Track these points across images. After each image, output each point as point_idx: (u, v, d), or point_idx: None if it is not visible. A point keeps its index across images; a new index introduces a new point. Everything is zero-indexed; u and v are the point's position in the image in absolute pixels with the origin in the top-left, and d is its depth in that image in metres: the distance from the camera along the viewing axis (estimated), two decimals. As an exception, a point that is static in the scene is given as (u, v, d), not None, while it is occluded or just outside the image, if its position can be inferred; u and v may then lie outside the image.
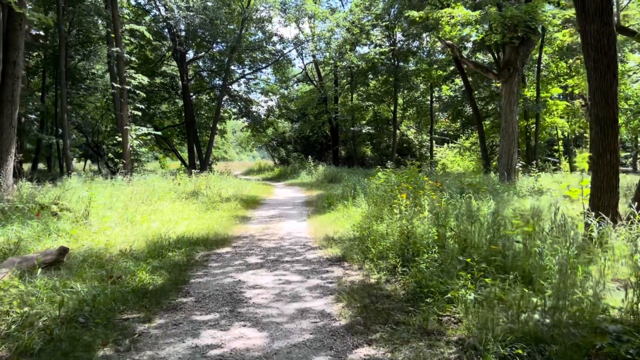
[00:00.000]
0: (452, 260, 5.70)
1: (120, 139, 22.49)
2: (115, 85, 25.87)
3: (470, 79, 28.31)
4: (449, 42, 19.77)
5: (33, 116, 28.55)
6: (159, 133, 23.81)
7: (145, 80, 22.92)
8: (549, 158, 34.69)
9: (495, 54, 26.64)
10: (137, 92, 23.68)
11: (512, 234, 5.91)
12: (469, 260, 5.33)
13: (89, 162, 40.23)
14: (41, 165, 35.41)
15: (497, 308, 4.58)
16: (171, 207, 12.91)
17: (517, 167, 19.47)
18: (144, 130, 22.93)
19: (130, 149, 21.88)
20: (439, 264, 5.94)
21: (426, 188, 11.24)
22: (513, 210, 7.15)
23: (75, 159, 44.14)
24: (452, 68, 31.79)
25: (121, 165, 23.91)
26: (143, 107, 23.61)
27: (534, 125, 30.03)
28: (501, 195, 13.16)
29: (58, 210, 10.58)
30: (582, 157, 7.47)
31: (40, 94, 30.20)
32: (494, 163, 32.55)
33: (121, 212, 10.92)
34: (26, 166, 33.44)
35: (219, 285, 6.14)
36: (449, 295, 4.92)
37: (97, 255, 7.21)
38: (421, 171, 20.71)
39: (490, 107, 31.80)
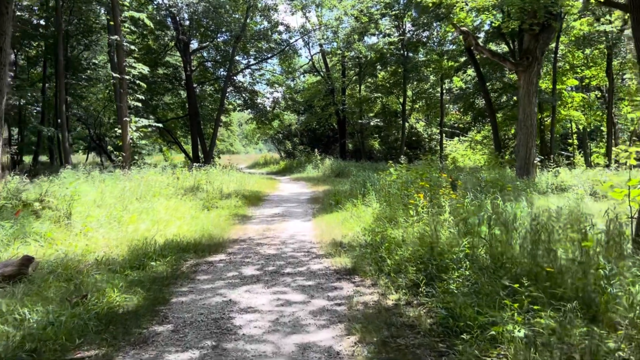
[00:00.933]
0: (492, 282, 4.57)
1: (120, 131, 21.52)
2: (114, 74, 24.86)
3: (482, 70, 26.99)
4: (465, 29, 18.49)
5: (36, 107, 27.62)
6: (160, 125, 22.76)
7: (145, 69, 21.82)
8: (562, 152, 33.28)
9: (511, 44, 25.30)
10: (138, 82, 22.63)
11: (565, 249, 4.76)
12: (516, 285, 4.18)
13: (93, 154, 39.30)
14: (45, 158, 34.54)
15: (557, 352, 3.45)
16: (166, 204, 11.87)
17: (535, 161, 18.26)
18: (145, 122, 21.87)
19: (130, 141, 20.85)
20: (472, 283, 4.81)
21: (444, 186, 10.13)
22: (555, 214, 6.00)
23: (80, 151, 43.35)
24: (463, 59, 30.48)
25: (121, 158, 22.94)
26: (143, 98, 22.53)
27: (548, 118, 28.73)
28: (523, 192, 11.96)
29: (40, 208, 9.52)
30: (625, 151, 6.18)
31: (41, 85, 29.21)
32: (507, 157, 31.28)
33: (110, 210, 9.88)
34: (28, 159, 32.60)
35: (205, 307, 5.04)
36: (492, 332, 3.79)
37: (68, 265, 6.14)
38: (432, 166, 19.54)
39: (502, 99, 30.46)
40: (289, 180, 23.44)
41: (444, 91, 34.74)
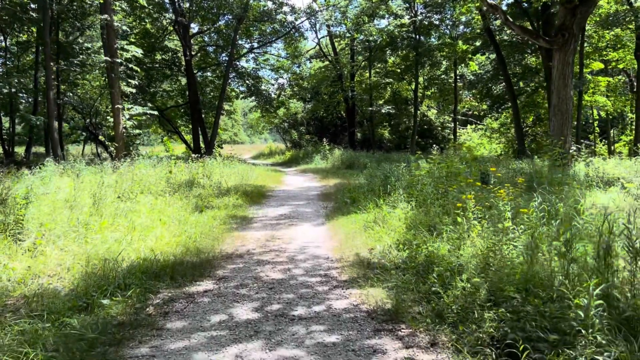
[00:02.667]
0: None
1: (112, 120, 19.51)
2: (101, 56, 22.72)
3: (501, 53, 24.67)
4: (493, 2, 16.23)
5: (23, 95, 25.57)
6: (156, 112, 20.73)
7: (138, 52, 19.71)
8: (582, 140, 30.88)
9: (535, 23, 22.95)
10: (132, 67, 20.53)
11: None
12: None
13: (92, 145, 37.23)
14: (41, 149, 32.55)
15: None
16: (153, 203, 9.86)
17: (571, 150, 16.08)
18: (139, 109, 19.83)
19: (123, 130, 18.82)
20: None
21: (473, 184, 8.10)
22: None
23: (79, 142, 41.31)
24: (479, 43, 28.15)
25: (113, 149, 20.92)
26: (137, 83, 20.45)
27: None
28: (568, 187, 9.82)
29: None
30: None
31: (33, 72, 27.12)
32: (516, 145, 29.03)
33: (79, 213, 7.88)
34: (21, 149, 30.64)
35: (165, 399, 2.99)
36: None
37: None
38: (464, 158, 17.38)
39: (521, 84, 28.13)
40: (295, 173, 21.33)
41: (457, 77, 32.47)
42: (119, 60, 18.60)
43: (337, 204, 10.91)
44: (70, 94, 30.55)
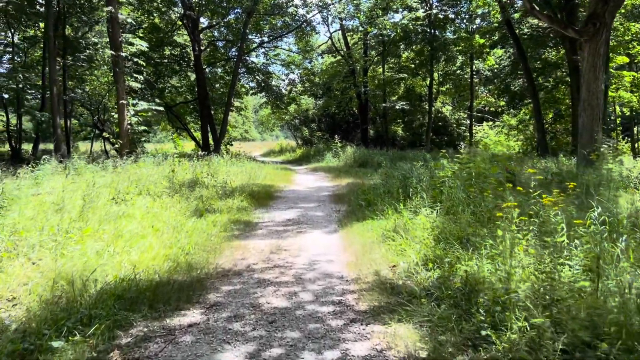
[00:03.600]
0: None
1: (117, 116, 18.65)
2: (107, 51, 21.85)
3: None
4: (518, -11, 14.99)
5: (29, 91, 24.77)
6: (161, 108, 19.77)
7: (144, 45, 18.78)
8: (607, 138, 29.31)
9: (558, 14, 21.57)
10: (137, 60, 19.62)
11: None
12: None
13: (102, 142, 36.51)
14: (50, 146, 31.85)
15: None
16: (149, 206, 8.89)
17: (602, 149, 14.81)
18: (144, 105, 18.89)
19: (128, 127, 17.93)
20: None
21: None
22: None
23: (90, 139, 40.60)
24: (496, 37, 26.78)
25: (118, 145, 20.05)
26: (142, 78, 19.52)
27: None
28: (606, 190, 8.66)
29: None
30: None
31: (41, 67, 26.35)
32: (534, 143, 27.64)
33: (62, 219, 6.93)
34: (28, 147, 29.92)
35: None
36: None
37: None
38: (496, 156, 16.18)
39: (540, 80, 26.72)
40: (306, 171, 20.26)
41: (474, 72, 31.10)
42: (123, 54, 17.68)
43: (350, 207, 9.82)
44: (79, 90, 29.83)
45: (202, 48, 26.34)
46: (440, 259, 5.25)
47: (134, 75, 19.10)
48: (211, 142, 25.85)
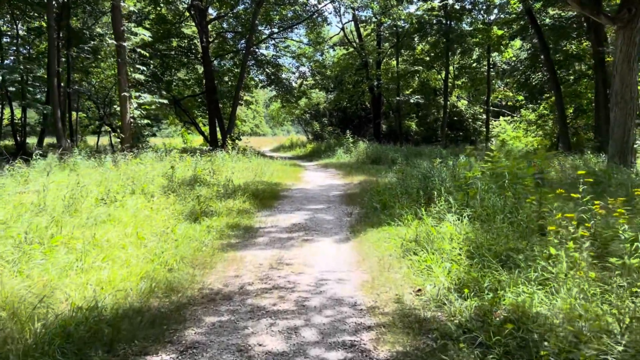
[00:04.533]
0: None
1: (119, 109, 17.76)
2: (109, 40, 20.97)
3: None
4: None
5: (33, 83, 23.97)
6: (166, 101, 18.82)
7: (147, 35, 17.80)
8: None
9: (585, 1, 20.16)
10: (140, 51, 18.67)
11: None
12: None
13: (108, 136, 35.78)
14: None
15: None
16: (140, 207, 7.93)
17: (636, 146, 13.57)
18: (147, 97, 17.94)
19: (131, 120, 17.02)
20: None
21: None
22: None
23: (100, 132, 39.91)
24: (514, 29, 25.40)
25: (120, 140, 19.17)
26: (145, 69, 18.57)
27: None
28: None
29: None
30: None
31: (46, 60, 25.55)
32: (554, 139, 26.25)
33: (40, 222, 6.01)
34: (33, 140, 29.21)
35: None
36: None
37: None
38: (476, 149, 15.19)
39: (560, 73, 25.30)
40: (316, 167, 19.19)
41: (490, 66, 29.72)
42: (125, 44, 16.72)
43: (364, 209, 8.76)
44: (85, 83, 29.02)
45: (210, 40, 25.35)
46: (477, 282, 4.18)
47: (137, 66, 18.15)
48: (219, 136, 24.88)
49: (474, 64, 29.88)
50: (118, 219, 7.01)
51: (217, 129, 25.17)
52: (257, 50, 26.02)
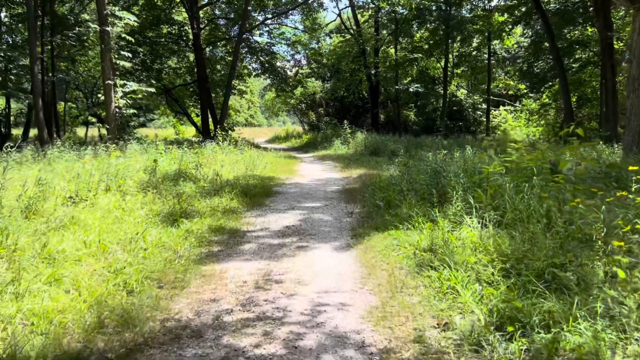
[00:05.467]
0: None
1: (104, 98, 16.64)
2: (92, 25, 19.76)
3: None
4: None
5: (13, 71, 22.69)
6: (153, 90, 17.63)
7: (132, 19, 16.60)
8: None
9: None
10: (125, 36, 17.49)
11: None
12: None
13: (97, 127, 34.53)
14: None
15: None
16: (113, 207, 6.90)
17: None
18: (133, 86, 16.78)
19: (116, 110, 15.89)
20: None
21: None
22: None
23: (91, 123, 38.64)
24: (514, 17, 24.25)
25: (104, 131, 18.03)
26: (130, 55, 17.40)
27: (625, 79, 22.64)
28: None
29: None
30: None
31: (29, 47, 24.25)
32: (566, 129, 25.27)
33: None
34: (19, 132, 27.98)
35: None
36: None
37: None
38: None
39: (564, 61, 24.22)
40: (312, 159, 18.11)
41: (491, 54, 28.57)
42: (109, 29, 15.55)
43: (366, 208, 7.73)
44: (73, 72, 27.77)
45: (202, 26, 24.11)
46: (522, 314, 3.16)
47: (122, 52, 16.96)
48: (212, 127, 23.74)
49: (474, 52, 28.76)
50: (83, 223, 5.97)
51: (210, 119, 24.01)
52: (250, 37, 24.83)
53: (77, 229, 5.68)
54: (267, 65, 24.87)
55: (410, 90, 24.92)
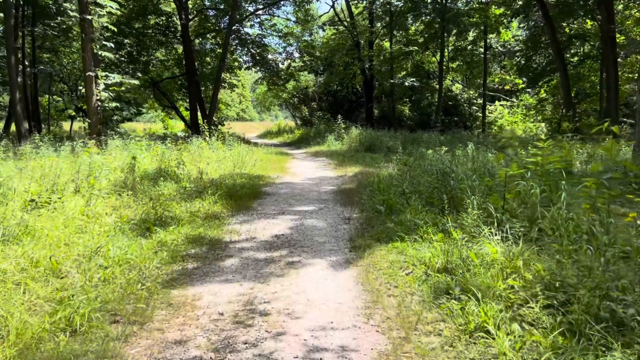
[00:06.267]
0: None
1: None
2: (72, 13, 18.70)
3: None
4: None
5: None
6: (136, 82, 16.61)
7: (114, 7, 15.56)
8: (625, 120, 26.22)
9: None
10: (107, 25, 16.43)
11: None
12: None
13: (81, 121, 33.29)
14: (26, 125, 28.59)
15: None
16: (79, 212, 6.02)
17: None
18: (117, 78, 15.80)
19: (98, 103, 14.92)
20: None
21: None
22: None
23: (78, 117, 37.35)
24: (514, 8, 23.42)
25: (85, 125, 17.09)
26: (112, 46, 16.34)
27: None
28: None
29: None
30: None
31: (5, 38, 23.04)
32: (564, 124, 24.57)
33: None
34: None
35: None
36: None
37: None
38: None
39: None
40: (304, 156, 17.21)
41: (486, 48, 27.72)
42: (89, 17, 14.53)
43: (364, 213, 6.88)
44: (57, 64, 26.60)
45: (191, 17, 23.06)
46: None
47: (105, 43, 15.92)
48: (201, 121, 22.75)
49: (470, 46, 27.91)
50: (39, 233, 5.07)
51: (199, 113, 23.02)
52: (241, 28, 23.79)
53: (28, 242, 4.78)
54: (258, 57, 23.87)
55: (406, 84, 24.02)
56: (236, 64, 25.80)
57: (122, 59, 22.82)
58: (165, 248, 5.09)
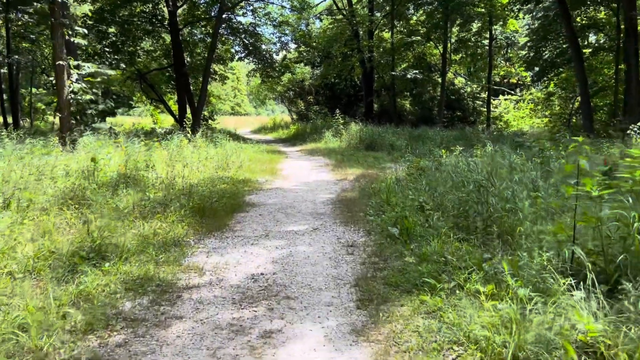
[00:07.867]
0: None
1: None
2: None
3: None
4: None
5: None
6: (112, 72, 14.87)
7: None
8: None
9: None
10: (81, 12, 14.70)
11: None
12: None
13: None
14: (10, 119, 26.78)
15: None
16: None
17: None
18: (90, 67, 14.07)
19: (70, 96, 13.21)
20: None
21: None
22: None
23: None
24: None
25: (55, 121, 15.35)
26: (85, 32, 14.57)
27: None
28: None
29: None
30: None
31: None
32: (573, 121, 22.96)
33: None
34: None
35: None
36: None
37: None
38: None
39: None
40: (300, 154, 15.46)
41: (490, 40, 25.94)
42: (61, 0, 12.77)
43: (373, 236, 5.23)
44: (38, 54, 24.80)
45: (179, 4, 21.23)
46: None
47: (77, 28, 14.15)
48: (189, 115, 21.01)
49: (474, 37, 26.15)
50: None
51: (188, 107, 21.26)
52: (232, 16, 21.97)
53: None
54: (251, 47, 22.06)
55: (408, 76, 22.27)
56: (228, 55, 23.99)
57: (106, 49, 21.04)
58: (87, 304, 3.41)
